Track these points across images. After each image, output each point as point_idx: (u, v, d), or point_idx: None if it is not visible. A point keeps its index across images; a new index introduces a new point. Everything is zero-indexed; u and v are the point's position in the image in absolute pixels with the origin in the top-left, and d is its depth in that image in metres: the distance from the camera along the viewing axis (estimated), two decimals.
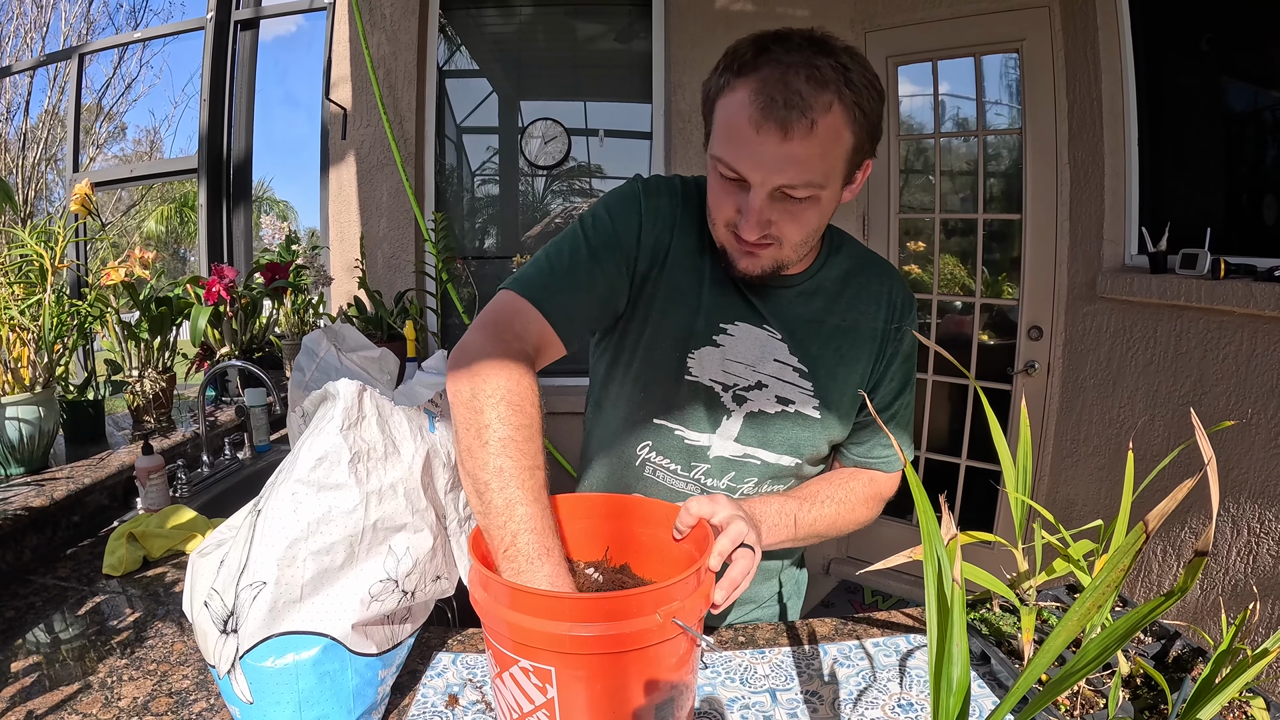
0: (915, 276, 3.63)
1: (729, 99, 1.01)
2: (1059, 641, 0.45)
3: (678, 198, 1.20)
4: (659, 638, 0.79)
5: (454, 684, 1.03)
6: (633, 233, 1.16)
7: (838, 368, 1.22)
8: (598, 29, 3.74)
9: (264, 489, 0.92)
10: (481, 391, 0.96)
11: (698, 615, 0.84)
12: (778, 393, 1.20)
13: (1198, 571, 0.43)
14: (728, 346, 1.18)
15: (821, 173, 1.00)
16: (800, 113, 0.95)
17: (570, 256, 1.13)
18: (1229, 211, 2.54)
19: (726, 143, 1.01)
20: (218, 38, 3.66)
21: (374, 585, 0.89)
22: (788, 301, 1.20)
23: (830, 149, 0.99)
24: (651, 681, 0.81)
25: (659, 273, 1.17)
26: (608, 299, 1.15)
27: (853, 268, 1.26)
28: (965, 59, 3.30)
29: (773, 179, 0.99)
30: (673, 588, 0.80)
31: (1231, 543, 2.20)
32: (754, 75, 0.98)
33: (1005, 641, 1.03)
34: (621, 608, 0.78)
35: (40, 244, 1.84)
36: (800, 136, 0.96)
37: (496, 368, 0.97)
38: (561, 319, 1.08)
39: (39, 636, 1.23)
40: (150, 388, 2.15)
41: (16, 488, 1.62)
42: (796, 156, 0.97)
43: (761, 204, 1.02)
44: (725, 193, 1.06)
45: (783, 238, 1.06)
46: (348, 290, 3.42)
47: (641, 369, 1.20)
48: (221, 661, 0.86)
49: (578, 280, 1.11)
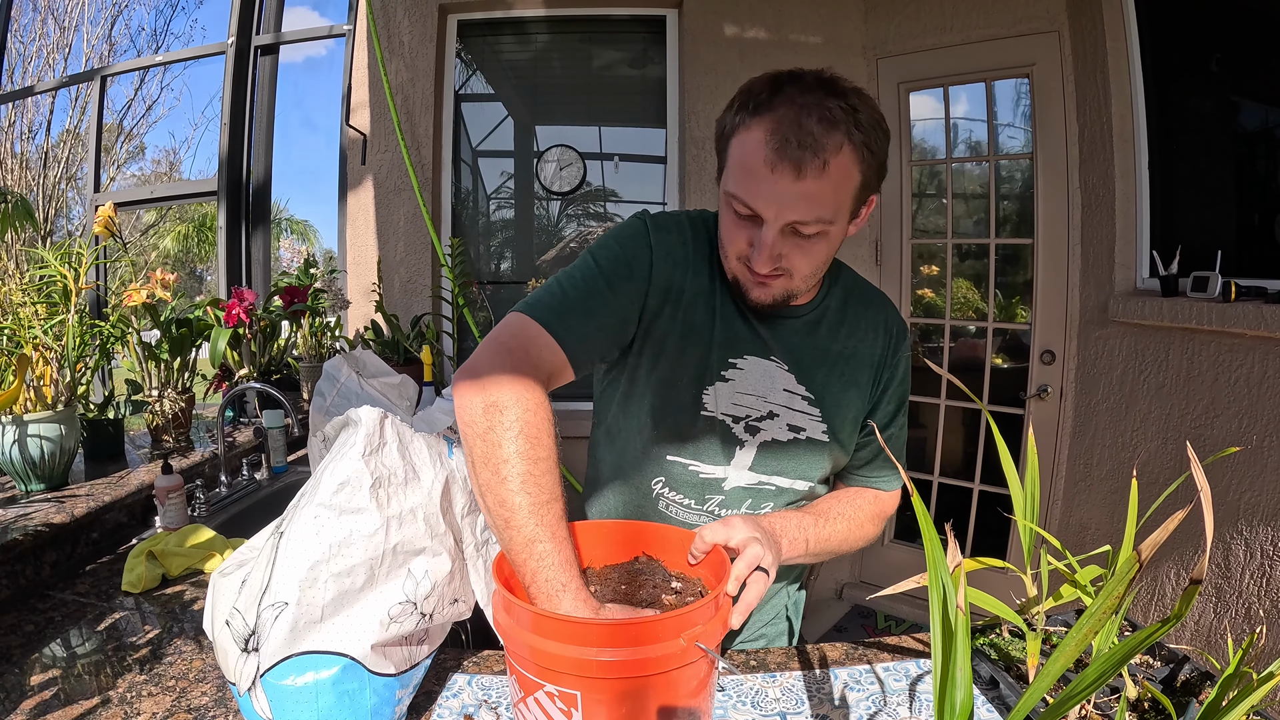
0: (929, 301, 3.63)
1: (744, 137, 1.04)
2: (1057, 666, 0.47)
3: (686, 234, 1.23)
4: (681, 662, 0.80)
5: (469, 705, 1.04)
6: (644, 265, 1.17)
7: (842, 393, 1.26)
8: (612, 55, 3.78)
9: (286, 511, 0.94)
10: (499, 424, 0.95)
11: (716, 639, 0.86)
12: (789, 421, 1.23)
13: (1192, 599, 0.45)
14: (737, 380, 1.21)
15: (832, 209, 1.04)
16: (813, 153, 0.99)
17: (584, 284, 1.13)
18: (1240, 234, 2.54)
19: (741, 181, 1.05)
20: (238, 63, 3.72)
21: (393, 607, 0.91)
22: (794, 331, 1.24)
23: (841, 187, 1.03)
24: (672, 705, 0.83)
25: (674, 309, 1.19)
26: (620, 328, 1.17)
27: (850, 296, 1.31)
28: (976, 84, 3.32)
29: (785, 215, 1.03)
30: (694, 612, 0.82)
31: (1245, 566, 2.19)
32: (769, 115, 1.02)
33: (1014, 666, 1.04)
34: (646, 633, 0.80)
35: (64, 265, 1.88)
36: (813, 176, 1.00)
37: (513, 396, 0.97)
38: (576, 345, 1.08)
39: (58, 651, 1.25)
40: (170, 408, 2.18)
41: (37, 504, 1.65)
42: (809, 195, 1.01)
43: (774, 239, 1.06)
44: (738, 228, 1.10)
45: (793, 270, 1.10)
46: (365, 314, 3.45)
47: (656, 403, 1.22)
48: (242, 679, 0.88)
49: (591, 307, 1.12)
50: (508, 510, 0.92)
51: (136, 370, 2.19)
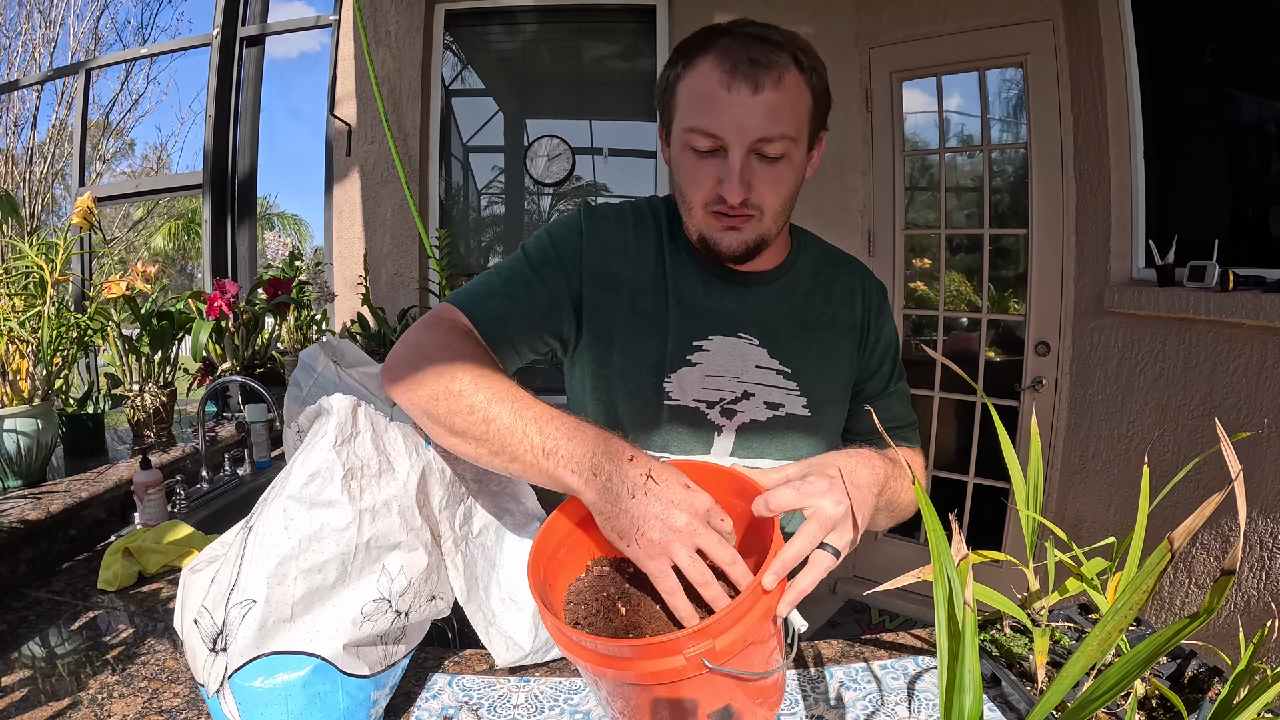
0: (922, 293, 3.61)
1: (691, 76, 1.06)
2: (1077, 668, 0.43)
3: (626, 222, 1.22)
4: (694, 671, 0.74)
5: (449, 706, 1.01)
6: (573, 252, 1.17)
7: (821, 362, 1.23)
8: (602, 47, 3.75)
9: (256, 505, 0.90)
10: (434, 370, 0.96)
11: (752, 639, 0.77)
12: (765, 399, 1.19)
13: (1225, 591, 0.41)
14: (705, 363, 1.18)
15: (793, 124, 1.05)
16: (766, 68, 1.01)
17: (509, 273, 1.17)
18: (1237, 223, 2.51)
19: (700, 110, 1.05)
20: (223, 54, 3.67)
21: (366, 605, 0.87)
22: (766, 300, 1.21)
23: (797, 102, 1.05)
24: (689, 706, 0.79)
25: (615, 298, 1.18)
26: (547, 314, 1.16)
27: (821, 262, 1.29)
28: (970, 74, 3.29)
29: (750, 133, 1.03)
30: (707, 628, 0.73)
31: (1244, 558, 2.17)
32: (711, 50, 1.05)
33: (1016, 663, 1.01)
34: (651, 653, 0.74)
35: (40, 256, 1.84)
36: (770, 88, 1.02)
37: (446, 352, 0.99)
38: (494, 329, 1.10)
39: (32, 650, 1.22)
40: (151, 402, 2.14)
41: (13, 500, 1.61)
42: (770, 105, 1.02)
43: (742, 162, 1.05)
44: (702, 167, 1.08)
45: (763, 205, 1.09)
46: (351, 307, 3.41)
47: (615, 397, 1.19)
48: (210, 680, 0.84)
49: (515, 294, 1.14)
50: (486, 410, 0.92)
51: (117, 364, 2.15)
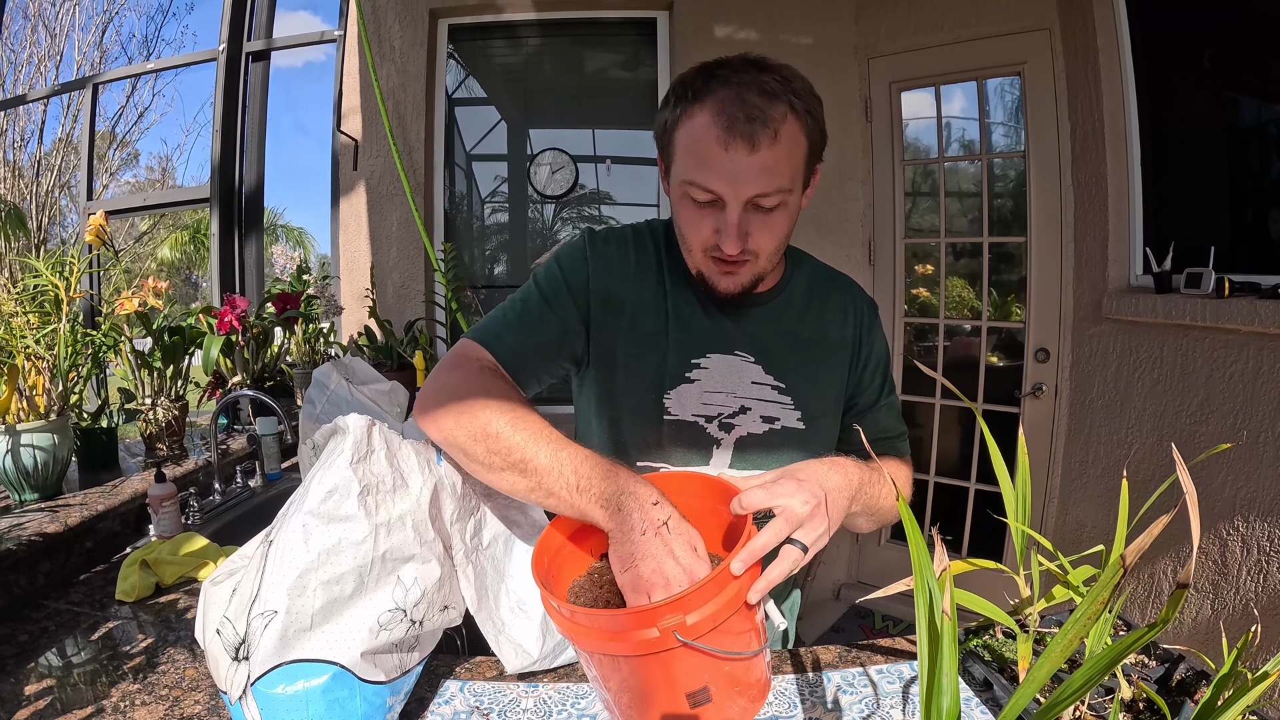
0: (923, 300, 3.64)
1: (689, 125, 1.07)
2: (1044, 670, 0.47)
3: (627, 246, 1.25)
4: (667, 645, 0.79)
5: (461, 711, 1.04)
6: (581, 279, 1.21)
7: (816, 377, 1.27)
8: (604, 58, 3.79)
9: (275, 520, 0.94)
10: (470, 411, 1.00)
11: (722, 620, 0.82)
12: (762, 413, 1.24)
13: (1179, 603, 0.44)
14: (703, 380, 1.22)
15: (789, 177, 1.06)
16: (763, 125, 1.01)
17: (523, 304, 1.21)
18: (1233, 229, 2.54)
19: (697, 166, 1.07)
20: (230, 69, 3.71)
21: (383, 614, 0.91)
22: (760, 320, 1.26)
23: (793, 154, 1.06)
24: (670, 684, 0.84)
25: (617, 320, 1.22)
26: (561, 340, 1.21)
27: (815, 281, 1.33)
28: (968, 83, 3.33)
29: (746, 191, 1.05)
30: (679, 601, 0.79)
31: (1241, 562, 2.19)
32: (709, 99, 1.04)
33: (1008, 668, 1.04)
34: (625, 625, 0.80)
35: (55, 274, 1.88)
36: (766, 146, 1.03)
37: (479, 392, 1.03)
38: (513, 361, 1.15)
39: (52, 660, 1.25)
40: (163, 416, 2.17)
41: (31, 513, 1.64)
42: (766, 165, 1.04)
43: (739, 217, 1.07)
44: (700, 217, 1.11)
45: (759, 250, 1.12)
46: (358, 319, 3.44)
47: (617, 413, 1.25)
48: (233, 688, 0.87)
49: (530, 325, 1.18)
50: (521, 452, 0.97)
51: (129, 379, 2.19)
